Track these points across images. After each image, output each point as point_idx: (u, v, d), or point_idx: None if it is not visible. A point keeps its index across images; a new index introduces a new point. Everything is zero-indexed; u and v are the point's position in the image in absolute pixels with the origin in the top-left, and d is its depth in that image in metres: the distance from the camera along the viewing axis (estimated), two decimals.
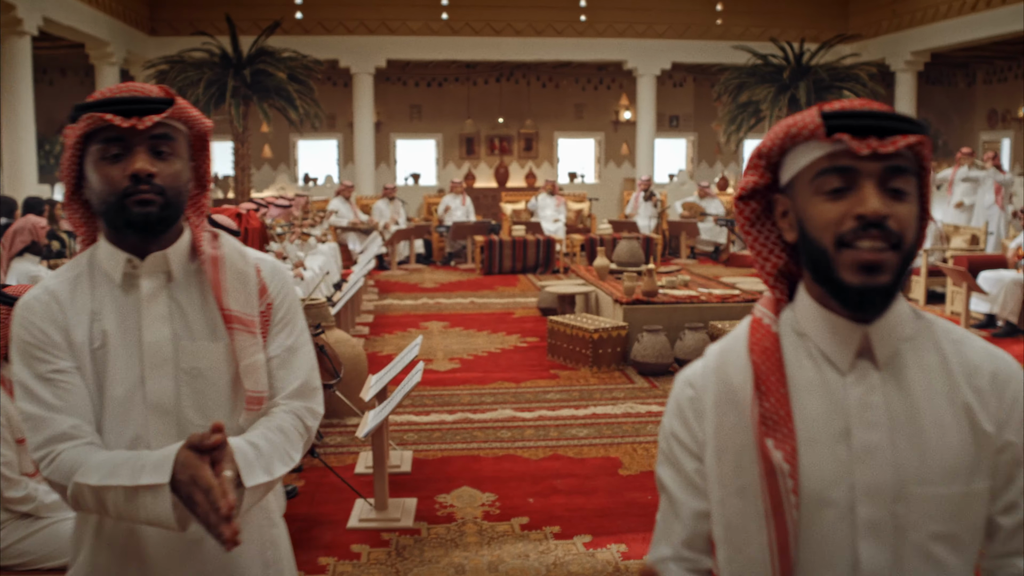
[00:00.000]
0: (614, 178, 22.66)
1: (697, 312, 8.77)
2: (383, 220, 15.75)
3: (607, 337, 8.37)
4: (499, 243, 14.56)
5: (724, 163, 23.21)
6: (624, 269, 10.35)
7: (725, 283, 10.03)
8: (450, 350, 9.31)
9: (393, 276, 14.59)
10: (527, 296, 12.61)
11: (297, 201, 14.00)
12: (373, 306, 11.86)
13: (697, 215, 16.51)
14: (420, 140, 22.54)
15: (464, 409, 7.26)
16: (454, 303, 12.09)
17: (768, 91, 17.84)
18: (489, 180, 22.29)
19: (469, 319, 10.97)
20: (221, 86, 16.78)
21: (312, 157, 22.56)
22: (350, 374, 6.97)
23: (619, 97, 22.64)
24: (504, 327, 10.46)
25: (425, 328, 10.46)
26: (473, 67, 21.88)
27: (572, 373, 8.34)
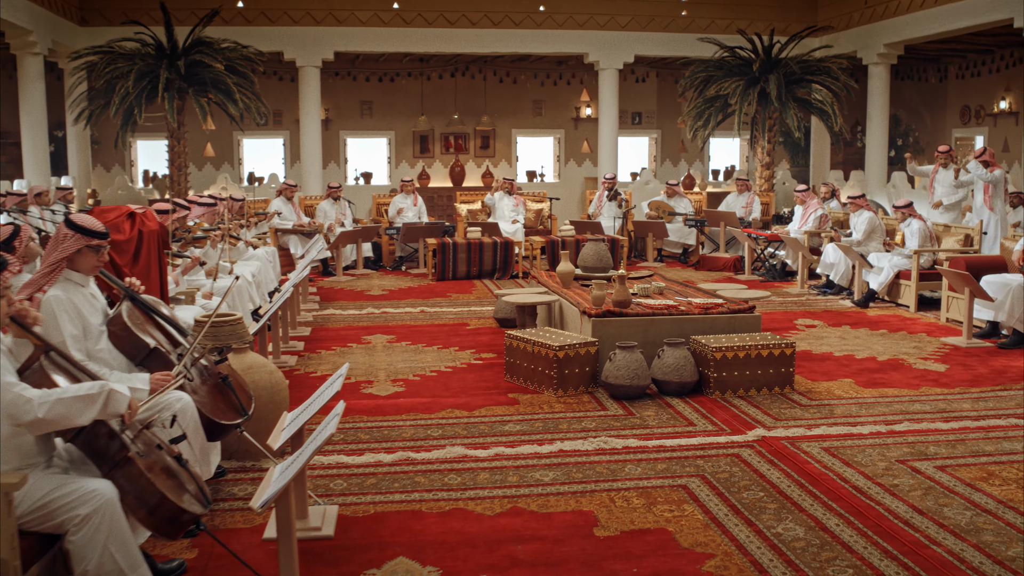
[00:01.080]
0: (575, 177, 21.48)
1: (676, 325, 7.57)
2: (327, 222, 14.43)
3: (574, 355, 7.15)
4: (453, 246, 13.30)
5: (689, 161, 22.10)
6: (591, 275, 9.14)
7: (704, 290, 8.85)
8: (394, 369, 8.04)
9: (338, 283, 13.29)
10: (483, 304, 11.37)
11: (231, 203, 12.64)
12: (312, 317, 10.56)
13: (665, 215, 15.36)
14: (371, 138, 21.22)
15: (406, 446, 5.99)
16: (402, 313, 10.82)
17: (737, 84, 16.75)
18: (444, 180, 21.02)
19: (418, 332, 9.71)
20: (154, 78, 15.40)
21: (258, 156, 21.19)
22: (265, 408, 5.69)
23: (580, 93, 21.46)
24: (457, 341, 9.21)
25: (367, 343, 9.18)
26: (426, 61, 20.61)
27: (534, 397, 7.11)
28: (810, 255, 12.45)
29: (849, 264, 11.87)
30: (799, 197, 13.58)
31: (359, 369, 8.05)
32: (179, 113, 16.23)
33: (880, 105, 18.19)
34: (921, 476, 5.44)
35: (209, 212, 10.00)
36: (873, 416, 6.66)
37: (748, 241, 13.46)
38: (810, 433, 6.25)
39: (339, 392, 7.26)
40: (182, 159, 16.54)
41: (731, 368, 7.12)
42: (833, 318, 10.47)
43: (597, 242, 9.44)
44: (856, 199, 12.17)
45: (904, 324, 10.12)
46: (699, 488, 5.25)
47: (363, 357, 8.52)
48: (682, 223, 15.26)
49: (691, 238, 15.30)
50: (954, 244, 11.23)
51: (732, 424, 6.45)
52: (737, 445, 6.01)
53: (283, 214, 13.79)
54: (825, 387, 7.46)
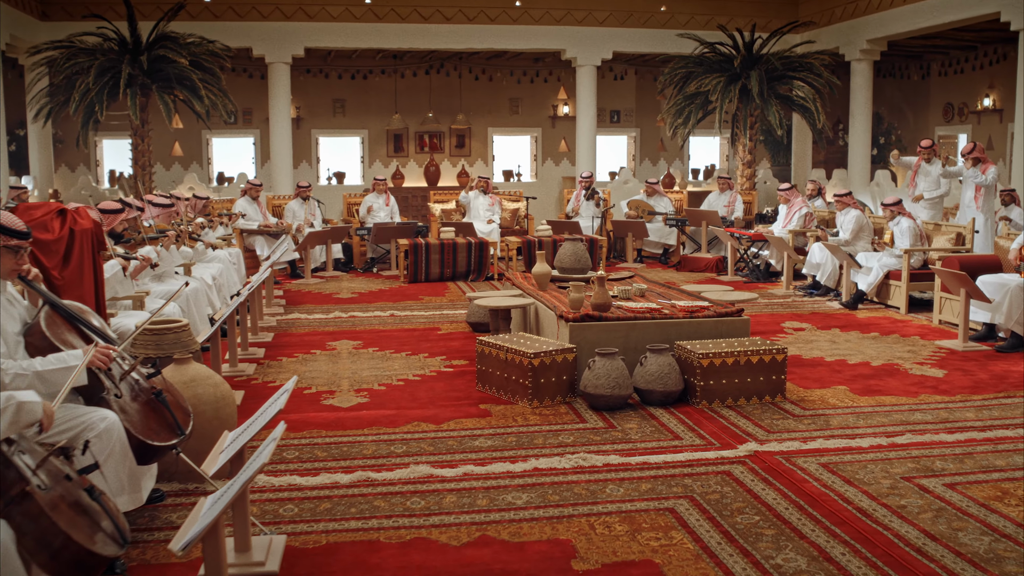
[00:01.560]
0: (552, 177, 20.97)
1: (660, 330, 7.05)
2: (296, 222, 13.85)
3: (551, 363, 6.61)
4: (425, 246, 12.75)
5: (668, 160, 21.63)
6: (568, 277, 8.62)
7: (688, 292, 8.33)
8: (358, 378, 7.48)
9: (307, 285, 12.71)
10: (456, 307, 10.83)
11: (195, 202, 12.06)
12: (276, 322, 9.99)
13: (644, 214, 14.86)
14: (344, 137, 20.64)
15: (366, 465, 5.44)
16: (371, 317, 10.26)
17: (717, 81, 16.28)
18: (419, 179, 20.46)
19: (386, 337, 9.16)
20: (115, 74, 14.78)
21: (227, 156, 20.58)
22: (210, 425, 5.13)
23: (557, 90, 20.95)
24: (427, 347, 8.66)
25: (332, 349, 8.62)
26: (400, 58, 20.05)
27: (507, 409, 6.57)
28: (795, 255, 11.97)
29: (836, 264, 11.40)
30: (783, 195, 13.11)
31: (321, 378, 7.49)
32: (143, 110, 15.62)
33: (863, 102, 17.76)
34: (930, 495, 4.94)
35: (165, 213, 9.42)
36: (872, 427, 6.16)
37: (731, 241, 12.97)
38: (806, 447, 5.74)
39: (296, 404, 6.73)
40: (146, 158, 15.92)
41: (719, 376, 6.60)
42: (821, 320, 9.99)
43: (575, 242, 8.91)
44: (842, 197, 11.70)
45: (896, 326, 9.64)
46: (688, 512, 4.73)
47: (326, 365, 7.97)
48: (662, 223, 14.76)
49: (672, 238, 14.80)
50: (945, 243, 10.77)
51: (721, 437, 5.93)
52: (728, 461, 5.49)
53: (248, 214, 13.20)
54: (819, 395, 6.96)
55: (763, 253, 12.94)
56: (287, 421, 6.25)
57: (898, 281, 10.55)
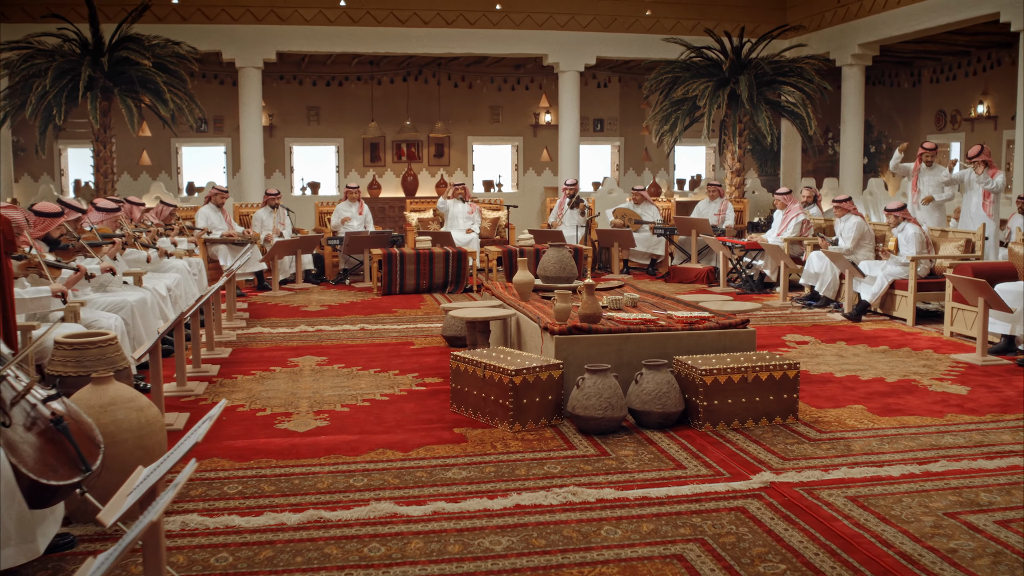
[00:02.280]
0: (534, 187, 20.20)
1: (657, 343, 6.26)
2: (264, 232, 13.03)
3: (534, 381, 5.81)
4: (400, 257, 11.94)
5: (653, 171, 20.90)
6: (553, 286, 7.83)
7: (684, 302, 7.54)
8: (319, 398, 6.66)
9: (274, 297, 11.87)
10: (431, 320, 10.02)
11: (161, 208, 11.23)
12: (236, 336, 9.15)
13: (631, 223, 14.09)
14: (318, 146, 19.82)
15: (319, 502, 4.63)
16: (339, 331, 9.43)
17: (706, 86, 15.55)
18: (396, 190, 19.66)
19: (354, 352, 8.33)
20: (75, 77, 13.92)
21: (197, 165, 19.73)
22: (132, 456, 4.30)
23: (539, 98, 20.21)
24: (398, 363, 7.84)
25: (294, 365, 7.79)
26: (377, 64, 19.28)
27: (485, 433, 5.76)
28: (793, 264, 11.22)
29: (836, 274, 10.66)
30: (779, 201, 12.38)
31: (277, 398, 6.67)
32: (104, 115, 14.76)
33: (855, 109, 17.07)
34: (982, 536, 4.16)
35: (110, 217, 8.59)
36: (900, 453, 5.39)
37: (723, 250, 12.21)
38: (828, 476, 4.96)
39: (246, 428, 5.91)
40: (109, 165, 15.05)
41: (724, 395, 5.82)
42: (825, 333, 9.23)
43: (559, 248, 8.13)
44: (842, 203, 10.96)
45: (905, 339, 8.89)
46: (700, 559, 3.93)
47: (285, 383, 7.14)
48: (650, 232, 14.00)
49: (659, 248, 14.04)
50: (954, 250, 10.04)
51: (730, 466, 5.14)
52: (741, 495, 4.70)
53: (212, 223, 12.35)
54: (834, 416, 6.18)
55: (757, 263, 12.20)
56: (234, 448, 5.45)
57: (904, 291, 9.81)
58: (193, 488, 4.81)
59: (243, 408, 6.42)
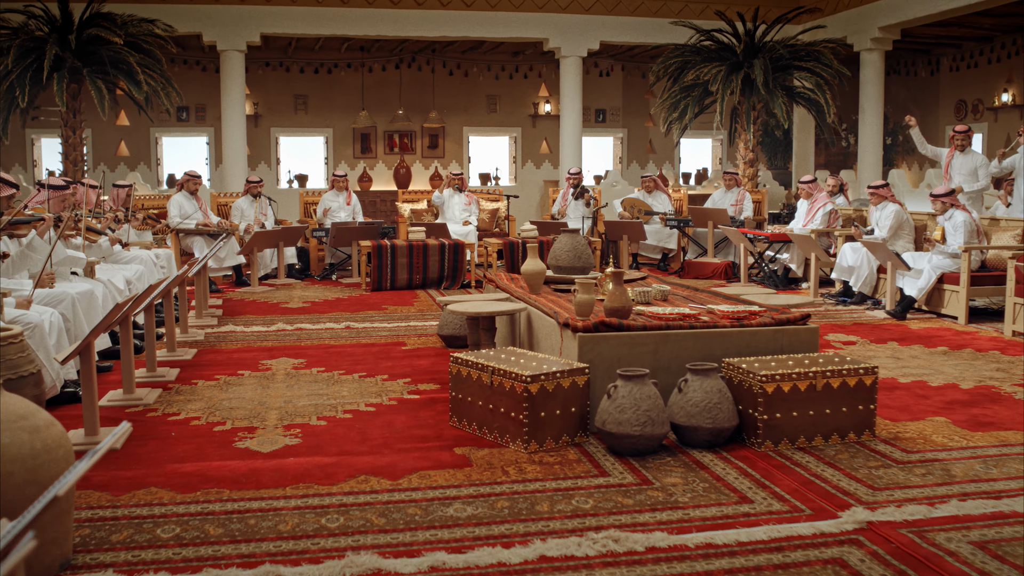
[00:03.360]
0: (533, 180, 19.03)
1: (701, 343, 5.10)
2: (244, 222, 11.84)
3: (554, 389, 4.65)
4: (391, 249, 10.77)
5: (658, 163, 19.74)
6: (567, 277, 6.68)
7: (723, 294, 6.37)
8: (291, 409, 5.49)
9: (252, 293, 10.69)
10: (426, 318, 8.84)
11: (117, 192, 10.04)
12: (203, 335, 7.97)
13: (641, 214, 12.93)
14: (306, 136, 18.63)
15: (278, 551, 3.46)
16: (321, 330, 8.26)
17: (718, 70, 14.41)
18: (388, 182, 18.49)
19: (336, 354, 7.16)
20: (41, 56, 12.72)
21: (179, 156, 18.52)
22: (22, 492, 3.13)
23: (538, 87, 19.04)
24: (387, 366, 6.67)
25: (266, 369, 6.62)
26: (368, 50, 18.10)
27: (494, 454, 4.60)
28: (826, 256, 10.07)
29: (873, 267, 9.53)
30: (803, 190, 11.25)
31: (241, 409, 5.50)
32: (74, 99, 13.58)
33: (874, 96, 15.94)
34: None
35: (56, 197, 7.40)
36: (1016, 480, 4.24)
37: (744, 243, 11.05)
38: (938, 514, 3.81)
39: (199, 448, 4.73)
40: (78, 152, 13.84)
41: (787, 406, 4.67)
42: (871, 332, 8.07)
43: (573, 234, 6.98)
44: (878, 189, 9.83)
45: (962, 339, 7.74)
46: None
47: (253, 391, 5.97)
48: (661, 224, 12.84)
49: (672, 241, 12.88)
50: (1010, 239, 8.90)
51: (808, 498, 3.99)
52: (833, 539, 3.54)
53: (185, 211, 11.17)
54: (915, 430, 5.03)
55: (781, 256, 11.06)
56: (178, 474, 4.29)
57: (955, 285, 8.67)
58: (116, 531, 3.65)
59: (198, 421, 5.25)
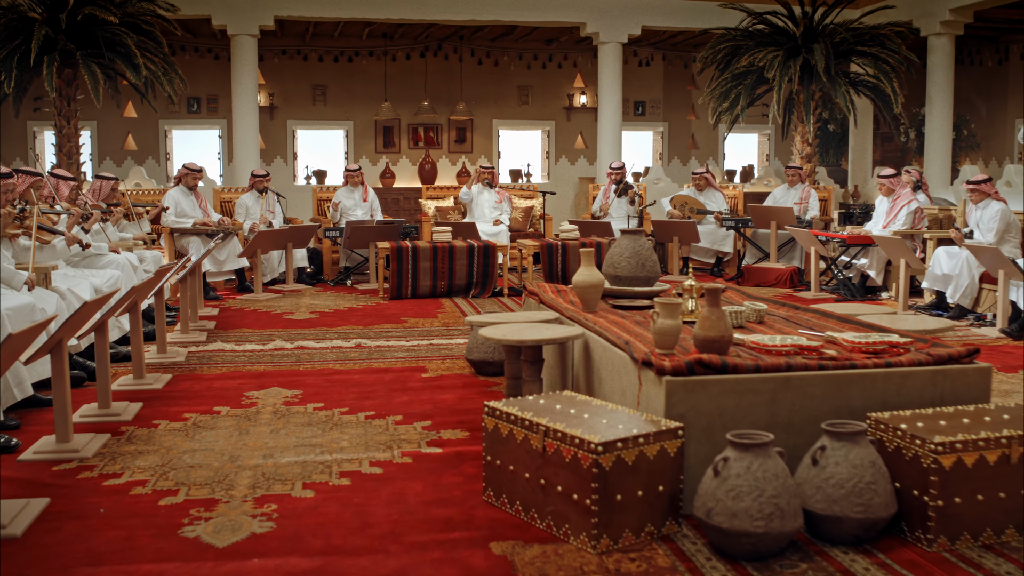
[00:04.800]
0: (567, 177, 17.56)
1: (835, 390, 3.60)
2: (249, 221, 10.46)
3: (636, 460, 3.18)
4: (413, 252, 9.34)
5: (700, 160, 18.20)
6: (629, 291, 5.23)
7: (834, 314, 4.86)
8: (270, 469, 4.06)
9: (255, 301, 9.29)
10: (452, 334, 7.39)
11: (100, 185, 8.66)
12: (185, 355, 6.56)
13: (693, 213, 11.43)
14: (325, 130, 17.23)
15: None
16: (326, 349, 6.83)
17: (775, 55, 12.89)
18: (412, 179, 17.06)
19: (341, 383, 5.72)
20: (29, 36, 11.38)
21: (189, 150, 17.16)
22: None
23: (573, 77, 17.54)
24: (402, 402, 5.23)
25: (250, 404, 5.19)
26: (391, 37, 16.67)
27: (548, 557, 3.14)
28: (919, 263, 8.54)
29: (975, 276, 8.01)
30: (883, 186, 9.73)
31: (204, 469, 4.07)
32: (69, 85, 12.24)
33: (943, 85, 14.36)
34: None
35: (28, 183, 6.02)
36: None
37: (816, 246, 9.53)
38: None
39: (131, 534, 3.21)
40: (74, 144, 12.49)
41: (972, 487, 3.19)
42: (991, 357, 6.54)
43: (635, 236, 5.52)
44: (979, 185, 8.30)
45: None
46: None
47: (226, 439, 4.54)
48: (716, 224, 11.33)
49: (727, 243, 11.36)
50: None
51: None
52: None
53: (181, 207, 9.78)
54: None
55: (859, 262, 9.54)
56: None
57: None
58: None
59: (142, 488, 3.82)
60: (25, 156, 16.27)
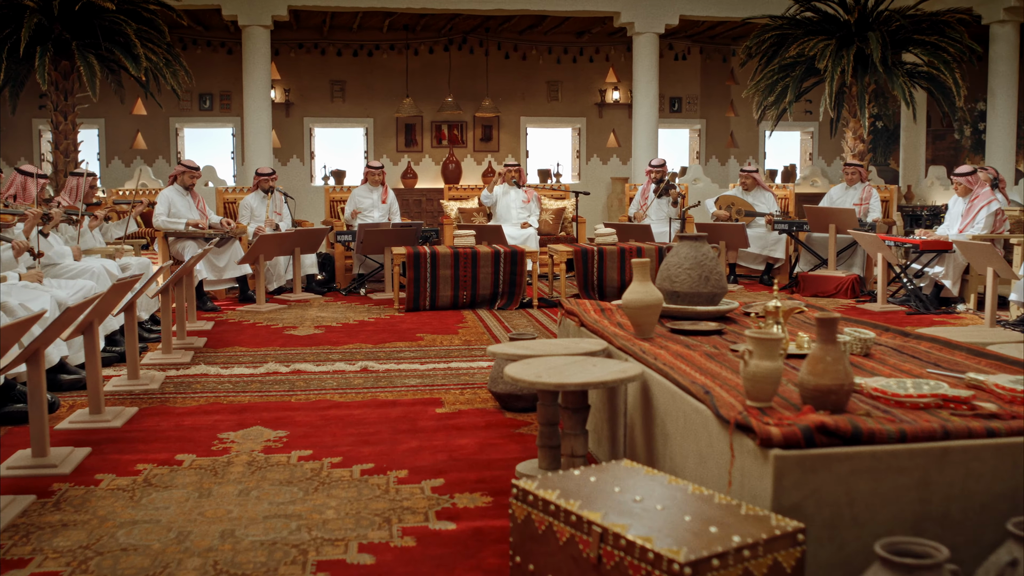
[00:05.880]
0: (599, 178, 16.47)
1: (1010, 463, 2.53)
2: (254, 224, 9.47)
3: None
4: (432, 258, 8.30)
5: (739, 159, 17.07)
6: (691, 311, 4.18)
7: (959, 344, 3.77)
8: (226, 557, 3.00)
9: (256, 313, 8.28)
10: (473, 356, 6.33)
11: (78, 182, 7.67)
12: (161, 380, 5.55)
13: (741, 216, 10.32)
14: (344, 128, 16.24)
15: None
16: (326, 374, 5.79)
17: (826, 44, 11.77)
18: (435, 179, 16.03)
19: (337, 421, 4.67)
20: (19, 25, 10.45)
21: (202, 149, 16.26)
22: None
23: (605, 72, 16.44)
24: (408, 449, 4.17)
25: (220, 451, 4.15)
26: (413, 30, 15.66)
27: None
28: (1011, 271, 7.40)
29: None
30: (959, 186, 8.59)
31: (141, 555, 3.02)
32: (66, 78, 11.31)
33: (1007, 76, 13.16)
34: None
35: None
36: None
37: (884, 252, 8.39)
38: None
39: None
40: (70, 141, 11.55)
41: None
42: None
43: (696, 243, 4.47)
44: None
45: None
46: None
47: (180, 505, 3.49)
48: (767, 227, 10.23)
49: (779, 249, 10.24)
50: None
51: None
52: None
53: (176, 209, 8.79)
54: None
55: (933, 270, 8.41)
56: None
57: None
58: None
59: None
60: (30, 155, 15.38)
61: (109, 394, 5.21)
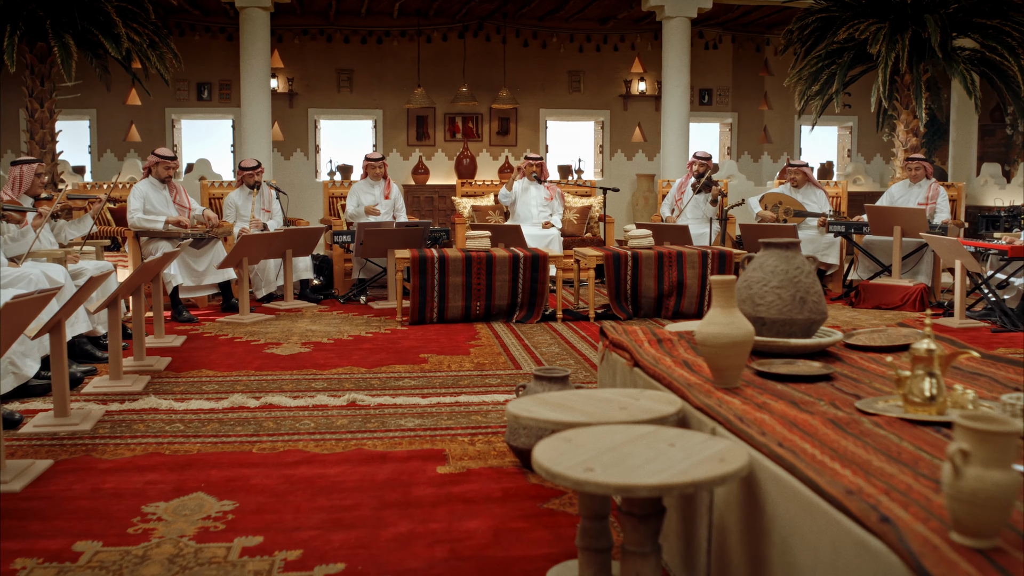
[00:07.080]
0: (623, 174, 15.26)
1: None
2: (240, 223, 8.31)
3: None
4: (439, 262, 7.11)
5: (773, 155, 15.83)
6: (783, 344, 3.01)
7: None
8: None
9: (238, 325, 7.12)
10: (488, 384, 5.14)
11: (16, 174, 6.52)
12: (98, 418, 4.39)
13: (789, 216, 9.11)
14: (352, 119, 15.07)
15: None
16: (303, 411, 4.61)
17: (879, 27, 10.54)
18: (448, 175, 14.85)
19: (303, 484, 3.49)
20: None
21: (200, 141, 15.15)
22: None
23: (630, 61, 15.22)
24: (395, 537, 2.99)
25: (140, 536, 2.98)
26: (425, 16, 14.48)
27: None
28: None
29: None
30: None
31: None
32: (42, 61, 10.22)
33: None
34: None
35: None
36: None
37: (965, 259, 7.15)
38: None
39: None
40: (47, 130, 10.44)
41: None
42: None
43: (787, 251, 3.30)
44: None
45: None
46: None
47: None
48: (819, 229, 9.01)
49: (832, 253, 9.03)
50: None
51: None
52: None
53: (152, 205, 7.62)
54: None
55: (1020, 280, 7.18)
56: None
57: None
58: None
59: None
60: (18, 147, 14.27)
61: (25, 436, 4.07)
